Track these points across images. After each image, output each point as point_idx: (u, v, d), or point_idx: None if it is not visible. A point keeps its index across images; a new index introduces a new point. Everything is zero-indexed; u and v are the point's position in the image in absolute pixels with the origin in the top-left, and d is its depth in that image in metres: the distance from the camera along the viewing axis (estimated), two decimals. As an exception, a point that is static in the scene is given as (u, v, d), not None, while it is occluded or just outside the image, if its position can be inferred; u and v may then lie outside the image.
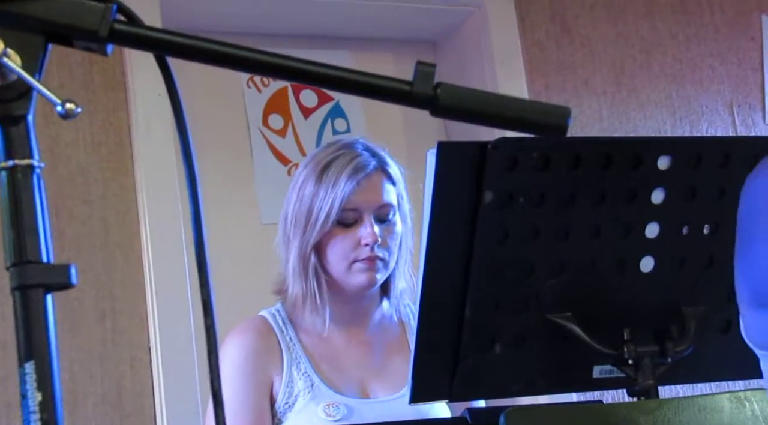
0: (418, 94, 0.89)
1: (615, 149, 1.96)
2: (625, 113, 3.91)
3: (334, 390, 2.45)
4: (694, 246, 2.00)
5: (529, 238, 1.92)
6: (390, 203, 2.51)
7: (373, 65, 3.91)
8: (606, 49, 3.94)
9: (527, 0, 3.85)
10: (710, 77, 4.01)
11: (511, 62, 3.81)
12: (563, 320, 1.95)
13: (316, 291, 2.47)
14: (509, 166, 1.86)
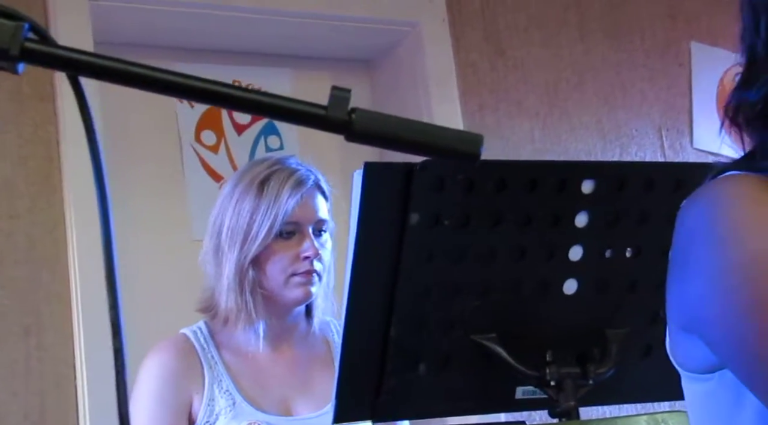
0: (332, 119, 0.90)
1: (540, 172, 1.98)
2: (557, 134, 3.94)
3: (257, 408, 2.46)
4: (616, 269, 2.03)
5: (455, 259, 1.94)
6: (326, 219, 2.55)
7: (311, 83, 3.92)
8: (539, 72, 3.97)
9: (462, 21, 3.87)
10: (640, 101, 4.05)
11: (445, 83, 3.82)
12: (487, 341, 1.97)
13: (252, 306, 2.47)
14: (435, 187, 1.88)
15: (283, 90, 3.88)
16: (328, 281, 2.54)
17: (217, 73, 3.78)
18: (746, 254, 1.40)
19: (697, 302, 1.47)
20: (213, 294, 2.53)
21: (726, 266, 1.42)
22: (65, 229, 3.20)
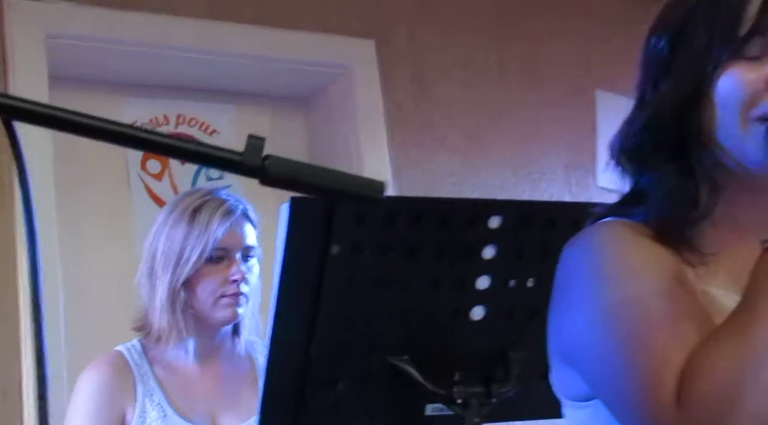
0: (247, 165, 0.91)
1: (452, 208, 2.02)
2: (475, 170, 3.96)
3: (186, 419, 2.49)
4: (519, 298, 2.05)
5: (374, 287, 1.96)
6: (253, 245, 2.57)
7: (252, 118, 3.92)
8: (460, 111, 3.99)
9: (389, 64, 3.88)
10: (550, 142, 4.07)
11: (374, 120, 3.84)
12: (401, 362, 1.99)
13: (183, 325, 2.49)
14: (356, 221, 1.90)
15: (226, 124, 3.88)
16: (255, 303, 2.57)
17: (165, 108, 3.81)
18: (617, 299, 1.43)
19: (573, 338, 1.49)
20: (147, 314, 2.54)
21: (598, 309, 1.44)
22: (15, 250, 3.15)
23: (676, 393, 1.31)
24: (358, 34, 3.85)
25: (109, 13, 3.46)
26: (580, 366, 1.48)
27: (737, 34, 1.46)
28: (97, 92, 3.70)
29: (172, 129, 3.83)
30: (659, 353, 1.35)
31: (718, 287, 1.47)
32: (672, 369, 1.32)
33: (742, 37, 1.46)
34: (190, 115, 3.84)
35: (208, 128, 3.87)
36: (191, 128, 3.86)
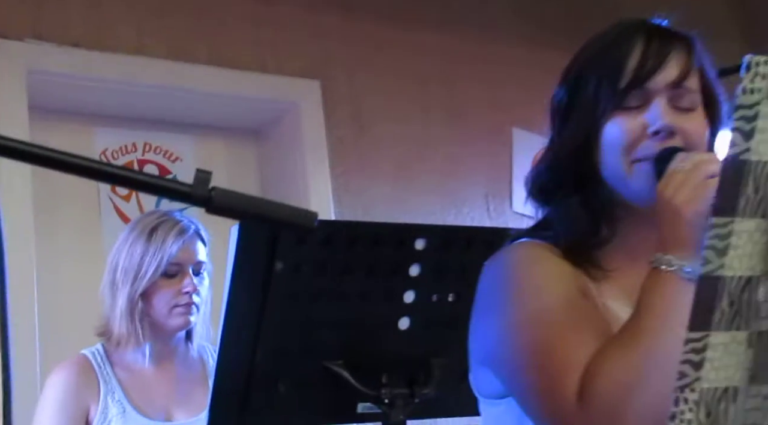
0: (195, 196, 0.92)
1: (382, 231, 2.02)
2: (405, 197, 3.97)
3: (143, 415, 2.50)
4: (441, 310, 2.06)
5: (312, 300, 1.97)
6: (203, 261, 2.59)
7: (209, 147, 3.91)
8: (393, 144, 4.00)
9: (332, 103, 3.89)
10: (472, 173, 4.10)
11: (318, 152, 3.84)
12: (336, 366, 1.99)
13: (140, 332, 2.50)
14: (298, 241, 1.91)
15: (188, 152, 3.87)
16: (206, 312, 2.58)
17: (134, 137, 3.80)
18: (528, 310, 1.45)
19: (490, 344, 1.51)
20: (108, 321, 2.55)
21: (512, 318, 1.47)
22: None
23: (577, 392, 1.33)
24: (305, 75, 3.86)
25: (85, 53, 3.45)
26: (496, 368, 1.50)
27: (619, 87, 1.49)
28: (74, 122, 3.67)
29: (139, 156, 3.81)
30: (563, 357, 1.37)
31: (614, 300, 1.50)
32: (574, 372, 1.34)
33: (622, 90, 1.49)
34: (156, 144, 3.82)
35: (171, 155, 3.85)
36: (156, 155, 3.84)
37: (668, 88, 1.49)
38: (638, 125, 1.48)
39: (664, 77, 1.49)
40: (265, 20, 3.81)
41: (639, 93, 1.49)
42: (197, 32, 3.67)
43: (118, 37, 3.52)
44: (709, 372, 0.99)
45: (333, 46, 3.95)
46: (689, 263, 1.33)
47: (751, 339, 1.00)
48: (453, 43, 4.20)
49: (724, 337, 0.99)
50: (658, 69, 1.49)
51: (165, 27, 3.61)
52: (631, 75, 1.49)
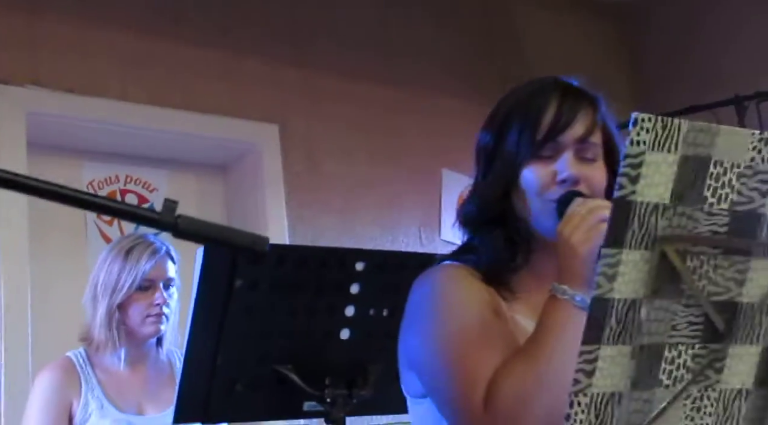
0: (163, 222, 0.91)
1: (327, 255, 2.03)
2: (352, 226, 3.97)
3: (119, 410, 2.50)
4: (377, 323, 2.06)
5: (267, 313, 1.96)
6: (173, 277, 2.58)
7: (181, 180, 3.88)
8: (342, 182, 4.00)
9: (289, 144, 3.88)
10: (408, 207, 4.10)
11: (276, 186, 3.83)
12: (286, 370, 1.98)
13: (116, 338, 2.50)
14: (255, 262, 1.89)
15: (163, 184, 3.83)
16: (175, 321, 2.58)
17: (116, 170, 3.76)
18: (445, 325, 1.46)
19: (415, 353, 1.51)
20: (90, 329, 2.55)
21: (432, 332, 1.47)
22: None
23: (484, 401, 1.33)
24: (265, 119, 3.85)
25: (77, 98, 3.43)
26: (419, 374, 1.50)
27: (536, 139, 1.51)
28: (66, 157, 3.64)
29: (121, 186, 3.77)
30: (474, 370, 1.38)
31: (523, 315, 1.51)
32: (482, 383, 1.35)
33: (538, 142, 1.51)
34: (136, 176, 3.79)
35: (149, 186, 3.81)
36: (136, 186, 3.80)
37: (575, 142, 1.52)
38: (549, 173, 1.50)
39: (573, 133, 1.52)
40: (233, 72, 3.81)
41: (552, 145, 1.51)
42: (173, 81, 3.66)
43: (105, 85, 3.50)
44: (599, 380, 0.99)
45: (290, 96, 3.95)
46: (581, 293, 1.35)
47: (634, 352, 1.01)
48: (394, 95, 4.22)
49: (612, 350, 1.00)
50: (569, 126, 1.51)
51: (146, 76, 3.60)
52: (546, 130, 1.51)
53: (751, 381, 1.10)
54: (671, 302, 1.03)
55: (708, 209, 1.02)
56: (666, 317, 1.03)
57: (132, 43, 3.59)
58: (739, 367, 1.09)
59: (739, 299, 1.07)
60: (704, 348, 1.06)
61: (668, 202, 0.99)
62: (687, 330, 1.05)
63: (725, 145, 1.01)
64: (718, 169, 1.01)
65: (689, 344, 1.05)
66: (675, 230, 1.01)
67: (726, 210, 1.03)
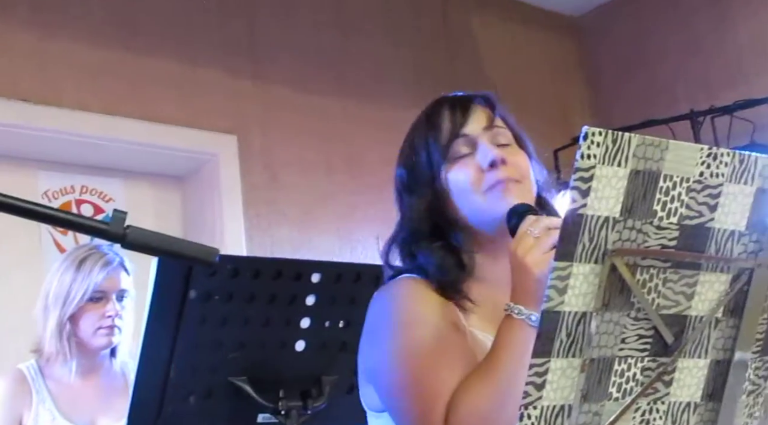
0: (112, 232, 0.90)
1: (283, 266, 2.00)
2: (309, 237, 3.96)
3: (70, 421, 2.47)
4: (332, 335, 2.05)
5: (221, 324, 1.93)
6: (126, 289, 2.56)
7: (137, 190, 3.84)
8: (299, 193, 3.98)
9: (247, 155, 3.87)
10: (365, 218, 4.09)
11: (233, 196, 3.81)
12: (240, 382, 1.96)
13: (67, 349, 2.47)
14: (210, 273, 1.87)
15: (119, 194, 3.80)
16: (131, 332, 2.54)
17: (72, 180, 3.71)
18: (405, 343, 1.45)
19: (373, 367, 1.51)
20: (41, 340, 2.52)
21: (391, 347, 1.47)
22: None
23: (443, 419, 1.33)
24: (224, 130, 3.83)
25: (32, 107, 3.39)
26: (377, 388, 1.49)
27: (443, 143, 1.52)
28: (21, 166, 3.59)
29: (77, 196, 3.72)
30: (433, 387, 1.38)
31: (480, 330, 1.51)
32: (441, 400, 1.35)
33: (447, 142, 1.52)
34: (91, 186, 3.75)
35: (105, 197, 3.77)
36: (92, 196, 3.76)
37: (484, 130, 1.54)
38: (474, 166, 1.51)
39: (477, 122, 1.54)
40: (191, 82, 3.78)
41: (463, 141, 1.52)
42: (131, 91, 3.63)
43: (61, 94, 3.47)
44: (549, 393, 0.99)
45: (249, 107, 3.93)
46: (536, 312, 1.35)
47: (584, 365, 1.01)
48: (353, 107, 4.22)
49: (562, 363, 1.00)
50: (469, 118, 1.54)
51: (102, 86, 3.56)
52: (449, 129, 1.53)
53: (699, 394, 1.11)
54: (621, 315, 1.03)
55: (658, 222, 1.03)
56: (616, 330, 1.03)
57: (89, 53, 3.56)
58: (688, 380, 1.09)
59: (688, 313, 1.08)
60: (653, 361, 1.07)
61: (618, 216, 1.00)
62: (636, 343, 1.05)
63: (674, 159, 1.02)
64: (668, 183, 1.02)
65: (639, 357, 1.06)
66: (625, 243, 1.01)
67: (675, 224, 1.04)
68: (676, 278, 1.06)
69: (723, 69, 4.62)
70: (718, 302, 1.08)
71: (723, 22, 4.57)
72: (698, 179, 1.04)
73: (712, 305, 1.08)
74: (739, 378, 1.11)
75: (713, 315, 1.09)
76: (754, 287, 1.09)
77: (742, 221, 1.07)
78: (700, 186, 1.04)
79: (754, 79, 4.43)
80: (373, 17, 4.42)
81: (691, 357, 1.09)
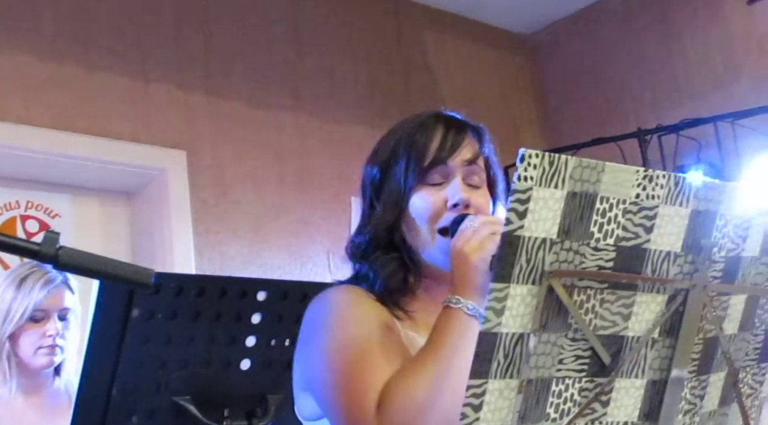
0: (43, 253, 0.88)
1: (229, 284, 1.99)
2: (259, 253, 3.94)
3: None
4: (278, 354, 2.03)
5: (164, 342, 1.91)
6: (69, 307, 2.51)
7: (85, 206, 3.80)
8: (249, 209, 3.97)
9: (197, 170, 3.84)
10: (317, 234, 4.09)
11: (183, 212, 3.78)
12: (184, 401, 1.94)
13: (7, 369, 2.43)
14: (153, 291, 1.85)
15: (66, 209, 3.75)
16: (73, 351, 2.51)
17: (17, 195, 3.65)
18: (339, 341, 1.47)
19: (308, 370, 1.52)
20: None
21: (326, 348, 1.48)
22: None
23: (376, 409, 1.33)
24: (173, 146, 3.80)
25: (-23, 121, 3.35)
26: (312, 391, 1.50)
27: (424, 165, 1.53)
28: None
29: (22, 212, 3.66)
30: (365, 379, 1.38)
31: (417, 333, 1.52)
32: (374, 391, 1.36)
33: (426, 167, 1.53)
34: (37, 201, 3.69)
35: (51, 212, 3.72)
36: (38, 212, 3.70)
37: (463, 165, 1.55)
38: (440, 199, 1.53)
39: (460, 157, 1.56)
40: (140, 96, 3.76)
41: (440, 170, 1.54)
42: (79, 105, 3.59)
43: (7, 108, 3.42)
44: (486, 414, 0.99)
45: (201, 122, 3.91)
46: (473, 302, 1.37)
47: (522, 386, 1.01)
48: (306, 123, 4.22)
49: (500, 384, 1.00)
50: (456, 150, 1.55)
51: (49, 99, 3.52)
52: (434, 155, 1.54)
53: (636, 414, 1.12)
54: (558, 336, 1.04)
55: (595, 244, 1.04)
56: (553, 351, 1.04)
57: (37, 67, 3.52)
58: (625, 400, 1.10)
59: (625, 333, 1.08)
60: (591, 382, 1.07)
61: (556, 237, 1.01)
62: (574, 363, 1.06)
63: (611, 181, 1.03)
64: (605, 205, 1.03)
65: (576, 377, 1.06)
66: (562, 264, 1.02)
67: (612, 245, 1.05)
68: (613, 299, 1.07)
69: (670, 88, 4.69)
70: (655, 322, 1.09)
71: (671, 43, 4.64)
72: (634, 201, 1.05)
73: (648, 326, 1.09)
74: (675, 398, 1.12)
75: (650, 336, 1.10)
76: (689, 308, 1.10)
77: (678, 243, 1.09)
78: (636, 208, 1.05)
79: (701, 99, 4.50)
80: (328, 33, 4.43)
81: (628, 377, 1.10)
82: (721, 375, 1.20)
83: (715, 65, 4.52)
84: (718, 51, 4.49)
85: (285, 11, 4.32)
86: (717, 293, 1.15)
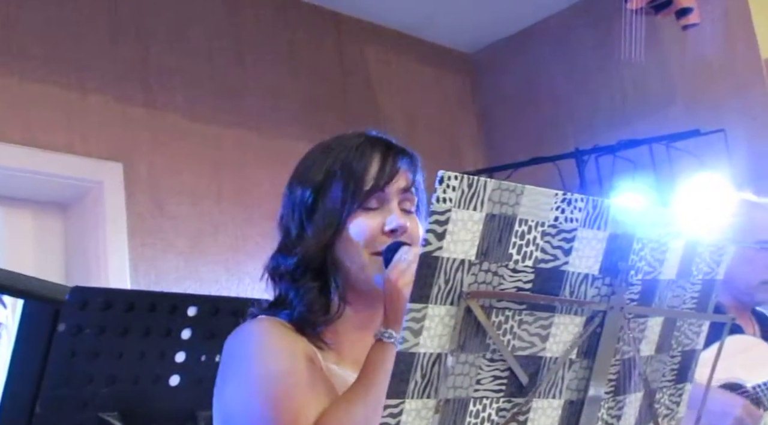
0: (-49, 271, 0.87)
1: (158, 299, 1.96)
2: (195, 267, 3.92)
3: None
4: (208, 370, 2.00)
5: (91, 357, 1.88)
6: (2, 323, 2.47)
7: (17, 218, 3.74)
8: (186, 223, 3.94)
9: (133, 183, 3.81)
10: (256, 249, 4.06)
11: (118, 225, 3.75)
12: (111, 418, 1.91)
13: None
14: (81, 306, 1.82)
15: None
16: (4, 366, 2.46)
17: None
18: (261, 375, 1.45)
19: (230, 406, 1.50)
20: None
21: (248, 383, 1.47)
22: None
23: None
24: (109, 158, 3.78)
25: None
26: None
27: (362, 190, 1.54)
28: None
29: (-52, 223, 3.62)
30: (293, 411, 1.37)
31: (338, 364, 1.52)
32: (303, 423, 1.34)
33: (365, 193, 1.54)
34: (-35, 214, 3.64)
35: (-19, 224, 3.67)
36: (-34, 223, 3.65)
37: (399, 192, 1.56)
38: (377, 224, 1.54)
39: (397, 185, 1.57)
40: (77, 107, 3.72)
41: (378, 196, 1.54)
42: (13, 116, 3.55)
43: (-63, 116, 3.37)
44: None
45: (138, 134, 3.89)
46: None
47: (439, 406, 1.02)
48: (245, 138, 4.21)
49: (417, 404, 1.01)
50: (394, 177, 1.56)
51: (-18, 109, 3.48)
52: (372, 181, 1.54)
53: (553, 434, 1.13)
54: (476, 356, 1.05)
55: (513, 265, 1.05)
56: (471, 371, 1.05)
57: (-31, 76, 3.47)
58: (542, 420, 1.12)
59: (543, 354, 1.10)
60: (509, 402, 1.09)
61: (474, 258, 1.02)
62: (492, 383, 1.07)
63: (530, 204, 1.04)
64: (523, 227, 1.05)
65: (494, 398, 1.08)
66: (480, 286, 1.03)
67: (530, 267, 1.07)
68: (531, 320, 1.08)
69: (608, 110, 4.77)
70: (572, 343, 1.11)
71: (609, 65, 4.72)
72: (553, 224, 1.07)
73: (566, 347, 1.11)
74: (592, 418, 1.14)
75: (567, 357, 1.11)
76: (606, 330, 1.12)
77: (596, 265, 1.11)
78: (554, 230, 1.07)
79: (637, 121, 4.59)
80: (270, 47, 4.43)
81: (546, 397, 1.11)
82: (639, 395, 1.23)
83: (651, 88, 4.62)
84: (653, 74, 4.58)
85: (226, 24, 4.32)
86: (634, 315, 1.17)
